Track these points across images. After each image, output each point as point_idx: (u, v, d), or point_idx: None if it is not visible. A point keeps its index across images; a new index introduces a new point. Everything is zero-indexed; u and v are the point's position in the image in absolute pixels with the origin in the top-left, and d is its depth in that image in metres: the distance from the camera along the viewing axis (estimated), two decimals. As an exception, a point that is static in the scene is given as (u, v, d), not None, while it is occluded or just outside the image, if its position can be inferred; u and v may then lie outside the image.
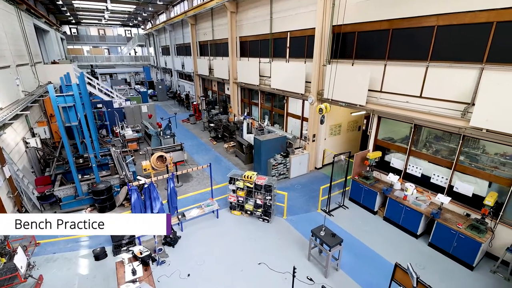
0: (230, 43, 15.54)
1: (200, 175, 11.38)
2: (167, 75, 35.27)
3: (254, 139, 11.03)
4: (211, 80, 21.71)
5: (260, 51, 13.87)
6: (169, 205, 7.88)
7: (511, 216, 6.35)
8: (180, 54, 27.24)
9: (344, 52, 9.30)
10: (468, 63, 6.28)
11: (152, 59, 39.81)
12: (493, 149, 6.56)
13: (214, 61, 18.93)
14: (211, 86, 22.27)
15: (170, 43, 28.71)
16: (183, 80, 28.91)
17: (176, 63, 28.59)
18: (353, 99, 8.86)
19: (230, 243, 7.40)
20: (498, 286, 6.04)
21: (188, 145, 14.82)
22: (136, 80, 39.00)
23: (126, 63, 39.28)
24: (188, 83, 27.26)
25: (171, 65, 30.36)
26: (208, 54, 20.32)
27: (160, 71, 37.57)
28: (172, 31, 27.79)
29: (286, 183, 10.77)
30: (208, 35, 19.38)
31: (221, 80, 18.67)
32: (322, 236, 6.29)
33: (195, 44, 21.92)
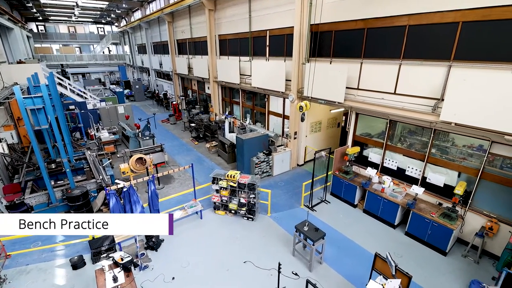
0: (209, 42, 15.38)
1: (182, 176, 11.21)
2: (145, 74, 34.27)
3: (237, 138, 11.02)
4: (190, 79, 21.39)
5: (240, 50, 13.84)
6: (150, 208, 7.70)
7: (479, 204, 6.84)
8: (157, 53, 26.55)
9: (322, 51, 9.52)
10: (437, 61, 6.65)
11: (127, 58, 38.46)
12: (461, 141, 7.01)
13: (193, 60, 18.65)
14: (191, 85, 21.93)
15: (147, 41, 27.89)
16: (161, 79, 28.24)
17: (153, 62, 27.85)
18: (332, 96, 9.09)
19: (215, 244, 7.38)
20: (468, 268, 6.50)
21: (168, 146, 14.55)
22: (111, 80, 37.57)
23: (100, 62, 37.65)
24: (167, 83, 26.66)
25: (148, 64, 29.52)
26: (187, 53, 19.98)
27: (136, 70, 36.41)
28: (148, 28, 27.01)
29: (269, 180, 10.88)
30: (186, 33, 19.04)
31: (201, 79, 18.45)
32: (306, 231, 6.44)
33: (173, 42, 21.46)
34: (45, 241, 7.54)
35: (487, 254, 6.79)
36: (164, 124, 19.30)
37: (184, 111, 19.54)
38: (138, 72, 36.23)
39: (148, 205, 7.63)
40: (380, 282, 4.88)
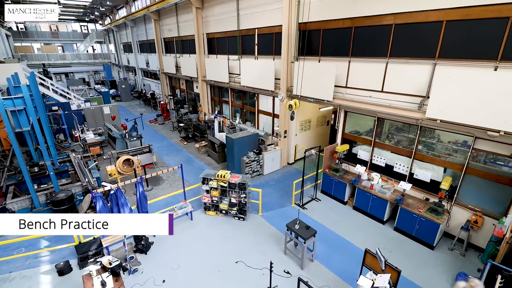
0: (197, 40, 15.24)
1: (171, 177, 11.10)
2: (131, 74, 33.64)
3: (226, 137, 10.99)
4: (178, 78, 21.16)
5: (229, 48, 13.78)
6: (139, 211, 7.58)
7: (464, 198, 7.07)
8: (144, 52, 26.11)
9: (311, 49, 9.60)
10: (423, 59, 6.83)
11: (113, 57, 37.64)
12: (446, 137, 7.23)
13: (181, 59, 18.45)
14: (179, 85, 21.70)
15: (132, 40, 27.37)
16: (148, 78, 27.80)
17: (140, 61, 27.36)
18: (320, 95, 9.19)
19: (206, 244, 7.34)
20: (455, 261, 6.72)
21: (157, 146, 14.39)
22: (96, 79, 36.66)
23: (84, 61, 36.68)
24: (154, 82, 26.28)
25: (134, 63, 28.98)
26: (174, 51, 19.74)
27: (122, 70, 35.69)
28: (134, 27, 26.51)
29: (260, 180, 10.90)
30: (173, 31, 18.80)
31: (189, 78, 18.28)
32: (297, 230, 6.50)
33: (160, 41, 21.16)
34: (29, 247, 7.31)
35: (473, 247, 7.04)
36: (152, 125, 19.04)
37: (173, 111, 19.34)
38: (124, 72, 35.52)
39: (137, 208, 7.52)
40: (370, 277, 4.98)
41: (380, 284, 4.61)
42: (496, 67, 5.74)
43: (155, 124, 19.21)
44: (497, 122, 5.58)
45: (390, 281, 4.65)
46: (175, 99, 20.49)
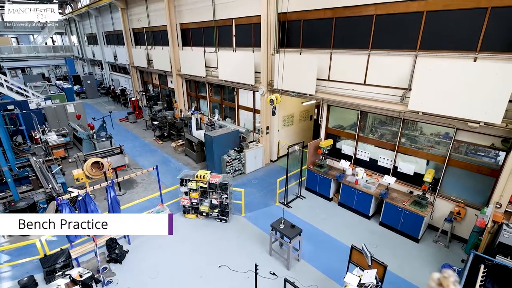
0: (169, 31, 14.89)
1: (146, 179, 10.86)
2: (97, 68, 32.31)
3: (205, 135, 10.89)
4: (151, 73, 20.65)
5: (204, 40, 13.60)
6: (111, 217, 7.35)
7: (447, 190, 7.48)
8: (110, 44, 25.14)
9: (292, 41, 9.68)
10: (404, 50, 7.10)
11: (76, 50, 35.90)
12: (429, 130, 7.58)
13: (153, 51, 17.99)
14: (151, 79, 21.19)
15: (98, 31, 26.25)
16: (117, 73, 26.88)
17: (106, 54, 26.34)
18: (302, 88, 9.31)
19: (186, 249, 7.26)
20: (439, 253, 7.11)
21: (129, 147, 14.04)
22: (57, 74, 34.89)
23: (43, 54, 34.69)
24: (123, 77, 25.44)
25: (100, 56, 27.84)
26: (145, 43, 19.19)
27: (87, 64, 34.18)
28: (99, 16, 25.43)
29: (242, 179, 10.91)
30: (143, 21, 18.24)
31: (162, 72, 17.89)
32: (282, 229, 6.57)
33: (128, 31, 20.47)
34: (-17, 264, 6.87)
35: (456, 238, 7.47)
36: (123, 123, 18.55)
37: (145, 108, 18.90)
38: (89, 66, 34.04)
39: None
40: (357, 273, 5.15)
41: (367, 280, 4.78)
42: (475, 58, 6.08)
43: (126, 122, 18.73)
44: (477, 113, 5.93)
45: (377, 276, 4.83)
46: (147, 95, 20.09)
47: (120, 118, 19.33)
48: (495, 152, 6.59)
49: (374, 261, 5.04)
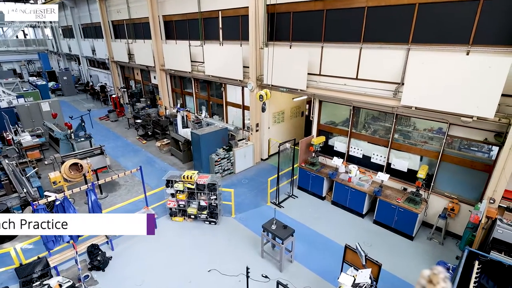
0: (152, 23, 14.67)
1: (129, 181, 10.72)
2: (74, 63, 31.56)
3: (192, 133, 10.82)
4: (132, 68, 20.34)
5: (189, 33, 13.47)
6: (92, 222, 7.23)
7: (441, 186, 7.69)
8: (88, 37, 24.57)
9: (281, 34, 9.70)
10: (396, 44, 7.23)
11: (50, 43, 34.91)
12: (422, 125, 7.77)
13: (134, 45, 17.69)
14: (133, 75, 20.88)
15: (73, 23, 25.59)
16: (95, 68, 26.34)
17: (84, 48, 25.73)
18: (293, 83, 9.36)
19: (174, 254, 7.22)
20: (434, 250, 7.31)
21: (110, 147, 13.81)
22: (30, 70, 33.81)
23: (13, 48, 33.58)
24: (103, 72, 24.95)
25: (77, 51, 27.17)
26: (125, 37, 18.84)
27: (63, 58, 33.30)
28: (75, 7, 24.78)
29: (232, 179, 10.90)
30: (123, 13, 17.90)
31: (145, 68, 17.63)
32: (274, 230, 6.62)
33: (107, 24, 20.05)
34: (-48, 276, 6.63)
35: (451, 235, 7.70)
36: (103, 122, 18.25)
37: (127, 106, 18.64)
38: (65, 61, 33.17)
39: None
40: (351, 273, 5.24)
41: (361, 280, 4.87)
42: (468, 51, 6.26)
43: (106, 121, 18.43)
44: (470, 107, 6.10)
45: (371, 275, 4.93)
46: (129, 92, 19.82)
47: (100, 117, 19.00)
48: (488, 147, 6.81)
49: (368, 260, 5.14)
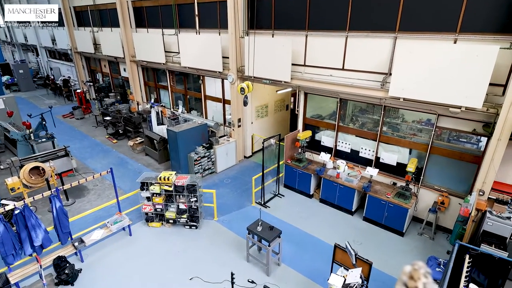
0: (119, 9, 14.28)
1: (99, 185, 10.48)
2: (31, 55, 30.24)
3: (168, 131, 10.69)
4: (99, 59, 19.79)
5: (162, 20, 13.23)
6: (57, 232, 7.04)
7: (430, 179, 8.00)
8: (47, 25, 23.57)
9: (263, 22, 9.71)
10: (383, 32, 7.41)
11: (2, 32, 33.22)
12: (410, 117, 8.03)
13: (101, 34, 17.17)
14: (100, 67, 20.33)
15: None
16: (57, 60, 25.41)
17: (42, 38, 24.70)
18: (277, 75, 9.41)
19: (152, 263, 7.14)
20: (425, 246, 7.62)
21: (76, 148, 13.49)
22: (-21, 63, 32.11)
23: (-42, 38, 31.74)
24: (65, 64, 24.10)
25: (34, 41, 26.06)
26: (90, 24, 18.26)
27: (18, 49, 31.83)
28: (30, -9, 23.70)
29: (213, 178, 10.88)
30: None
31: (113, 59, 17.19)
32: (260, 232, 6.66)
33: (69, 10, 19.34)
34: None
35: (441, 229, 8.05)
36: (67, 120, 17.76)
37: (94, 102, 18.14)
38: (20, 52, 31.74)
39: (55, 228, 6.99)
40: (342, 274, 5.38)
41: (352, 280, 5.01)
42: (455, 39, 6.51)
43: (71, 119, 17.98)
44: (458, 97, 6.37)
45: (362, 274, 5.08)
46: (96, 86, 19.32)
47: (64, 114, 18.52)
48: (477, 138, 7.14)
49: (358, 259, 5.29)
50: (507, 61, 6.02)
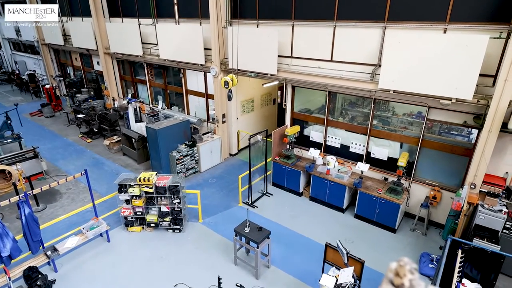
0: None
1: (73, 188, 10.29)
2: (-7, 47, 29.15)
3: (147, 128, 10.58)
4: (69, 52, 19.37)
5: (139, 9, 13.04)
6: (27, 241, 6.88)
7: (422, 173, 8.24)
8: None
9: (246, 11, 9.70)
10: (372, 22, 7.54)
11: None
12: (401, 109, 8.23)
13: (70, 24, 16.79)
14: (71, 61, 19.91)
15: (-10, -3, 23.60)
16: (22, 53, 24.72)
17: (5, 28, 23.92)
18: (262, 67, 9.44)
19: (133, 270, 7.09)
20: (417, 242, 7.86)
21: (46, 148, 13.19)
22: None
23: None
24: (32, 58, 23.44)
25: (-4, 31, 25.20)
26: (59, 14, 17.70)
27: (-22, 42, 30.67)
28: (-10, -23, 22.81)
29: (197, 178, 10.85)
30: (54, -15, 16.82)
31: (85, 51, 16.86)
32: (247, 233, 6.70)
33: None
34: None
35: (433, 224, 8.31)
36: (36, 119, 17.35)
37: (65, 98, 17.72)
38: (-20, 44, 30.59)
39: (24, 237, 6.81)
40: (333, 274, 5.49)
41: (344, 280, 5.12)
42: (445, 29, 6.69)
43: (40, 117, 17.58)
44: (448, 89, 6.56)
45: (354, 274, 5.20)
46: (67, 81, 18.87)
47: (31, 112, 18.09)
48: (467, 130, 7.39)
49: (350, 258, 5.40)
50: (496, 51, 6.25)
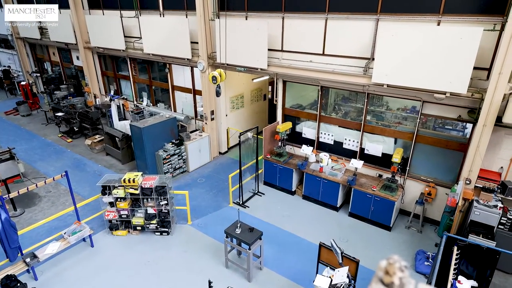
0: (69, -11, 13.70)
1: (52, 191, 10.15)
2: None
3: (131, 126, 10.49)
4: (47, 46, 18.97)
5: (120, 0, 12.85)
6: (4, 248, 6.76)
7: (416, 169, 8.38)
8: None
9: (235, 2, 9.68)
10: (365, 14, 7.61)
11: None
12: (395, 104, 8.35)
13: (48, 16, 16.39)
14: (48, 55, 19.52)
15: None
16: (-5, 48, 24.06)
17: (-24, 21, 23.27)
18: (252, 62, 9.43)
19: (118, 276, 7.05)
20: (413, 239, 8.01)
21: (23, 149, 13.02)
22: None
23: None
24: (5, 53, 22.92)
25: (-33, 25, 24.51)
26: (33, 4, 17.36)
27: None
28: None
29: (185, 178, 10.82)
30: (28, -25, 16.45)
31: (64, 45, 16.54)
32: (239, 234, 6.72)
33: (8, -11, 18.29)
34: None
35: (429, 221, 8.47)
36: (11, 118, 17.09)
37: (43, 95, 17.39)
38: (-51, 39, 29.75)
39: (1, 244, 6.71)
40: (328, 274, 5.55)
41: (338, 280, 5.19)
42: (439, 21, 6.80)
43: (15, 116, 17.33)
44: (442, 83, 6.68)
45: (349, 273, 5.27)
46: (44, 78, 18.51)
47: (6, 111, 17.82)
48: (462, 125, 7.55)
49: (345, 258, 5.47)
50: (491, 43, 6.38)
